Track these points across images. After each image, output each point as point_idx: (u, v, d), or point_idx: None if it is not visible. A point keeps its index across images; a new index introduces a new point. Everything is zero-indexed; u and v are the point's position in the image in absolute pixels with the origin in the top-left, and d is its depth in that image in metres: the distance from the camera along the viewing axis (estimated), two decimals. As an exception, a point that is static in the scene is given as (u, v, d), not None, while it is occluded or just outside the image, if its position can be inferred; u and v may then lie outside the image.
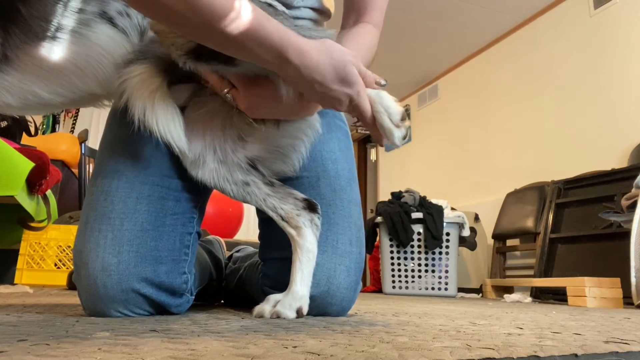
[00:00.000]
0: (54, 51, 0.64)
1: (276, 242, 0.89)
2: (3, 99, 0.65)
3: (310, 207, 0.83)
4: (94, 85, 0.68)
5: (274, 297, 0.81)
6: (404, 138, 0.71)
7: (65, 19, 0.64)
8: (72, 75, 0.66)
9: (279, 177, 0.86)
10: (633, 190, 2.04)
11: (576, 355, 0.44)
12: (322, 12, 1.00)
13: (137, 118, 0.70)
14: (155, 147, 0.83)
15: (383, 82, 0.72)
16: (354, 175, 0.97)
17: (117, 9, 0.66)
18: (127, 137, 0.83)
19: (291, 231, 0.82)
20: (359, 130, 5.47)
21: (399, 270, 2.86)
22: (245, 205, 3.52)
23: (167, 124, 0.71)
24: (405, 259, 2.86)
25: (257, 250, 1.10)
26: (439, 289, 2.81)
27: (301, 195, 0.84)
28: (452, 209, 3.04)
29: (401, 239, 2.80)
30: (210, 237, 1.36)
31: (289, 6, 0.90)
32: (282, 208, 0.82)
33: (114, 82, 0.70)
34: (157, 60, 0.72)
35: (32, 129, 2.63)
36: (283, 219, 0.83)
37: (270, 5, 0.75)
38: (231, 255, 1.30)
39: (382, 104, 0.70)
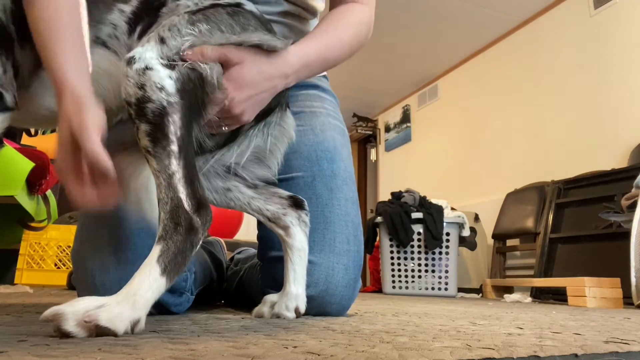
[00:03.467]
0: None
1: (274, 242, 0.89)
2: (23, 112, 0.72)
3: (296, 204, 0.82)
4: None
5: (270, 299, 0.81)
6: None
7: None
8: None
9: (263, 180, 0.83)
10: (633, 190, 2.04)
11: (576, 355, 0.44)
12: (306, 8, 0.97)
13: None
14: None
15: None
16: (351, 174, 0.97)
17: (107, 32, 0.73)
18: None
19: (280, 231, 0.81)
20: (359, 130, 5.47)
21: (399, 270, 2.86)
22: (245, 205, 3.51)
23: None
24: (405, 259, 2.86)
25: (257, 251, 1.10)
26: (439, 289, 2.81)
27: (286, 194, 0.83)
28: (452, 209, 3.04)
29: (401, 239, 2.80)
30: (210, 238, 1.35)
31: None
32: (268, 209, 0.81)
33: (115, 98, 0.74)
34: None
35: (32, 129, 2.63)
36: (270, 220, 0.81)
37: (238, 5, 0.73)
38: (232, 257, 1.30)
39: None
